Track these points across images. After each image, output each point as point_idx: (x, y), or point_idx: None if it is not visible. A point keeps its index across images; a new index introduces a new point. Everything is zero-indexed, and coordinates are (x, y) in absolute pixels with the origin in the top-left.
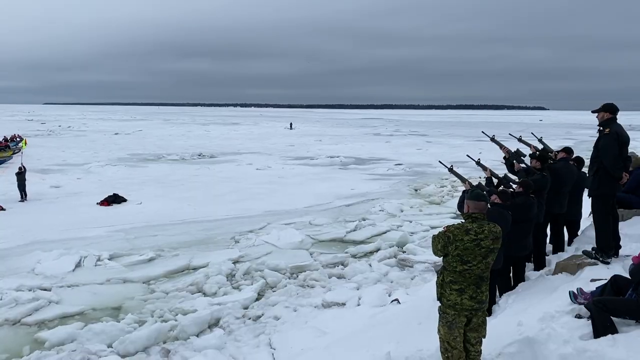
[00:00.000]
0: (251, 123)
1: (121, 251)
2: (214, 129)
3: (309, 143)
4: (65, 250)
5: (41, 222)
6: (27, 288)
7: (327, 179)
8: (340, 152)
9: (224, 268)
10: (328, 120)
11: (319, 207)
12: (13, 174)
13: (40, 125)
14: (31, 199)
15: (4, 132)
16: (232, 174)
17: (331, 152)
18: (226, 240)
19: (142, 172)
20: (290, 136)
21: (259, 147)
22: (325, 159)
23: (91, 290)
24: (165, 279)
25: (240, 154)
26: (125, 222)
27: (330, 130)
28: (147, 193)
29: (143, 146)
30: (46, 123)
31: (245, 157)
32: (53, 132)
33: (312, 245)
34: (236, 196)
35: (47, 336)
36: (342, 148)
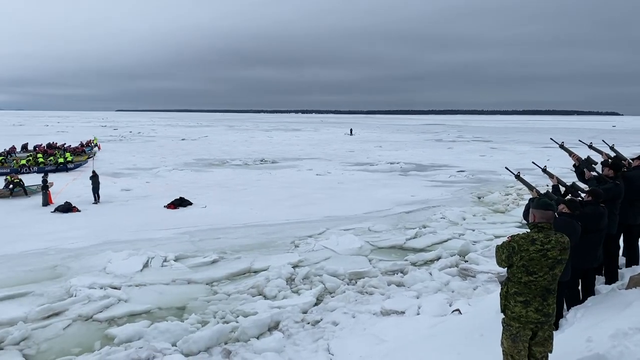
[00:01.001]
0: (312, 129)
1: (186, 253)
2: (276, 135)
3: (369, 149)
4: (134, 250)
5: (112, 224)
6: (98, 286)
7: (387, 185)
8: (401, 158)
9: (283, 272)
10: (388, 126)
11: (379, 214)
12: (87, 177)
13: (112, 131)
14: (103, 201)
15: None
16: (293, 180)
17: (391, 158)
18: (286, 244)
19: (207, 177)
20: (350, 142)
21: (319, 153)
22: (385, 165)
23: (157, 290)
24: (227, 281)
25: (301, 159)
26: (191, 225)
27: (390, 136)
28: (211, 197)
29: (208, 151)
30: (118, 129)
31: (305, 163)
32: (124, 138)
33: (371, 251)
34: (296, 201)
35: (116, 332)
36: (402, 154)
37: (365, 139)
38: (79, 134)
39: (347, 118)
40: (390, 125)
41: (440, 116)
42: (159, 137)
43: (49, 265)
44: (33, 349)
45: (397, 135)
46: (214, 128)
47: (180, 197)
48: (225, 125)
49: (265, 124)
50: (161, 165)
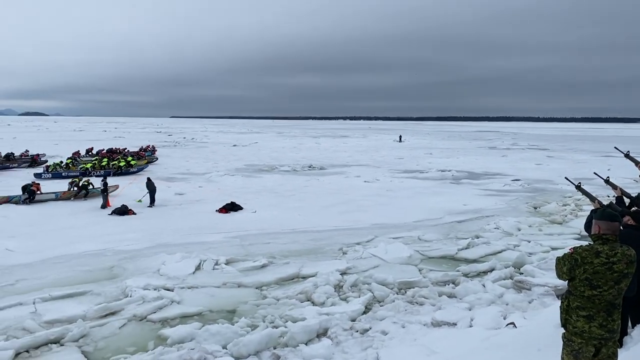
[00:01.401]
0: (360, 136)
1: (237, 257)
2: (324, 142)
3: (419, 156)
4: (186, 253)
5: (166, 227)
6: (152, 287)
7: (438, 194)
8: (452, 165)
9: (332, 279)
10: (439, 133)
11: (429, 222)
12: (143, 181)
13: (167, 137)
14: (158, 204)
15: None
16: (341, 186)
17: (442, 165)
18: (334, 251)
19: (257, 182)
20: (399, 149)
21: (367, 159)
22: (435, 172)
23: (209, 293)
24: (276, 286)
25: (349, 166)
26: (241, 229)
27: (441, 143)
28: (261, 202)
29: (258, 157)
30: (172, 135)
31: (353, 170)
32: (178, 144)
33: (421, 261)
34: (344, 208)
35: (169, 333)
36: (453, 162)
37: (415, 146)
38: (136, 140)
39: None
40: (441, 132)
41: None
42: (211, 143)
43: (106, 265)
44: (91, 346)
45: (448, 142)
46: (263, 134)
47: (231, 201)
48: (275, 132)
49: (313, 130)
50: (213, 170)
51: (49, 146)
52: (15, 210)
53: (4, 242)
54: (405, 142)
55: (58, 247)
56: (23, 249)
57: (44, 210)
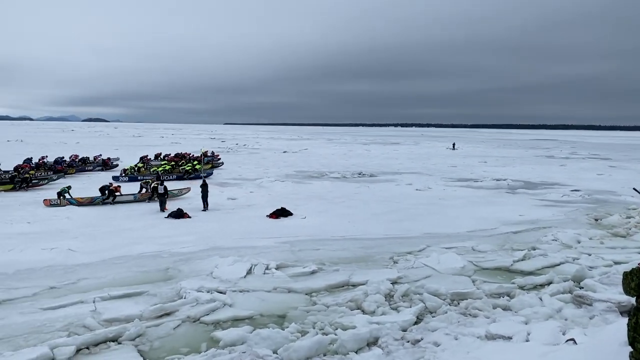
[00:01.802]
0: (412, 143)
1: (287, 262)
2: (375, 149)
3: (473, 164)
4: (238, 257)
5: (219, 230)
6: (206, 290)
7: (492, 203)
8: (508, 174)
9: (382, 287)
10: (494, 141)
11: (483, 233)
12: (198, 186)
13: (220, 143)
14: (211, 208)
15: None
16: (391, 194)
17: (497, 174)
18: (384, 259)
19: (306, 188)
20: (452, 157)
21: (419, 167)
22: (490, 181)
23: (260, 297)
24: (326, 293)
25: (400, 173)
26: (291, 235)
27: (496, 152)
28: (310, 208)
29: (308, 164)
30: (226, 141)
31: (404, 177)
32: (231, 150)
33: (474, 272)
34: (395, 216)
35: (221, 336)
36: (509, 170)
37: (469, 154)
38: (191, 145)
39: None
40: (496, 140)
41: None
42: (263, 150)
43: (162, 267)
44: (146, 345)
45: (504, 150)
46: (313, 141)
47: (281, 207)
48: (325, 139)
49: (364, 137)
50: (264, 176)
51: (109, 151)
52: (77, 212)
53: (67, 242)
54: (459, 149)
55: (117, 248)
56: (84, 250)
57: (103, 213)
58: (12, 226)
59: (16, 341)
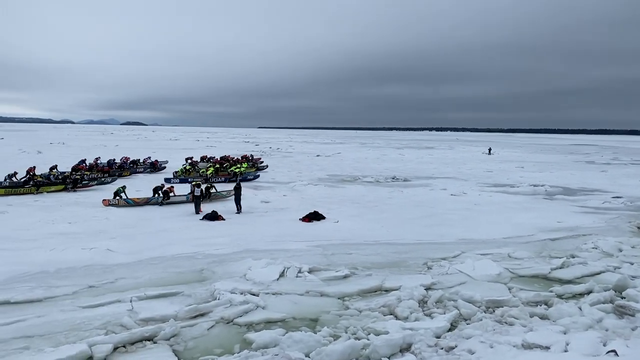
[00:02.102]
0: (446, 147)
1: (319, 265)
2: (408, 153)
3: (509, 169)
4: (271, 260)
5: (253, 233)
6: (239, 291)
7: (530, 209)
8: (545, 180)
9: (416, 293)
10: (531, 146)
11: (519, 239)
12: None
13: (254, 146)
14: (245, 211)
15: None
16: (425, 199)
17: (534, 180)
18: (418, 265)
19: (339, 192)
20: (488, 161)
21: (454, 172)
22: (527, 187)
23: (292, 300)
24: (358, 297)
25: (434, 178)
26: (323, 239)
27: (533, 157)
28: (343, 212)
29: (341, 168)
30: (259, 145)
31: (439, 182)
32: (265, 153)
33: (510, 279)
34: (429, 221)
35: (254, 338)
36: (547, 176)
37: (505, 159)
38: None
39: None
40: (534, 145)
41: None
42: (296, 153)
43: (197, 268)
44: (181, 345)
45: (542, 155)
46: (346, 145)
47: (314, 211)
48: (358, 143)
49: (397, 141)
50: (297, 179)
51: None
52: (116, 213)
53: (106, 242)
54: (495, 154)
55: (153, 248)
56: (122, 250)
57: (141, 214)
58: (54, 226)
59: (57, 338)
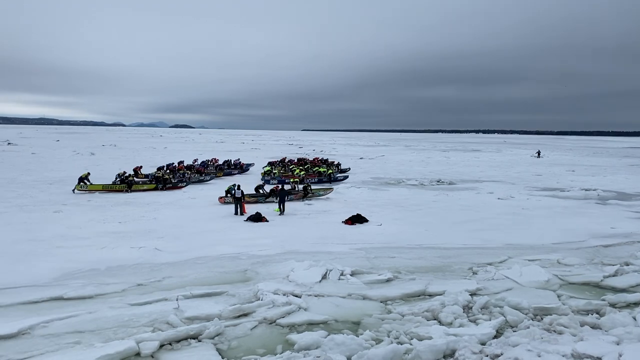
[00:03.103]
0: (493, 150)
1: (361, 269)
2: (454, 156)
3: (559, 173)
4: (314, 262)
5: (296, 235)
6: (282, 293)
7: (580, 214)
8: (598, 184)
9: (460, 299)
10: (582, 149)
11: (570, 245)
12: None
13: (298, 149)
14: (288, 213)
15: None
16: (471, 202)
17: (586, 184)
18: (463, 270)
19: (383, 195)
20: (537, 165)
21: (501, 175)
22: (578, 191)
23: (334, 302)
24: (401, 301)
25: (481, 181)
26: (366, 242)
27: (585, 160)
28: (386, 215)
29: (384, 170)
30: (303, 147)
31: (485, 186)
32: (308, 156)
33: (560, 286)
34: (475, 225)
35: (296, 339)
36: (599, 180)
37: (555, 162)
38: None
39: (534, 139)
40: (585, 148)
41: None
42: (339, 156)
43: (241, 269)
44: (225, 344)
45: (594, 158)
46: (390, 148)
47: (357, 213)
48: (402, 145)
49: (443, 144)
50: (339, 182)
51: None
52: (164, 214)
53: (154, 242)
54: (544, 157)
55: (199, 248)
56: (169, 249)
57: (188, 214)
58: (105, 225)
59: (106, 334)
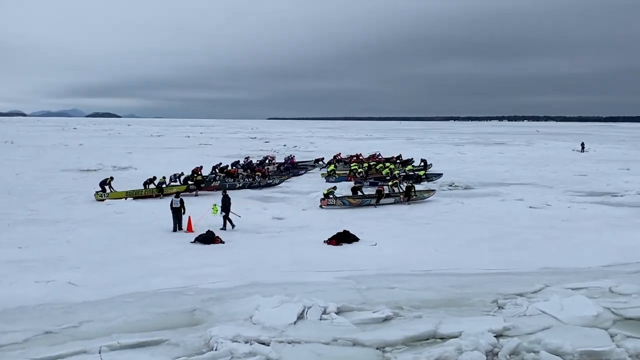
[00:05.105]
0: (523, 142)
1: (351, 304)
2: (471, 151)
3: (610, 172)
4: (286, 297)
5: (262, 260)
6: (243, 339)
7: (639, 227)
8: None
9: (482, 342)
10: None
11: (626, 268)
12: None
13: (263, 144)
14: (250, 231)
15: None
16: (495, 213)
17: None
18: (485, 303)
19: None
20: (580, 161)
21: (533, 176)
22: (635, 196)
23: (315, 351)
24: (404, 347)
25: (507, 185)
26: (356, 268)
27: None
28: (383, 232)
29: None
30: (270, 142)
31: (513, 190)
32: (277, 153)
33: (613, 323)
34: (500, 243)
35: None
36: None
37: (605, 157)
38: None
39: (576, 127)
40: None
41: None
42: (319, 152)
43: (187, 308)
44: None
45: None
46: (387, 140)
47: (343, 230)
48: (403, 137)
49: (457, 135)
50: (321, 188)
51: (121, 155)
52: (80, 234)
53: (66, 274)
54: (590, 151)
55: (129, 281)
56: (88, 283)
57: (112, 234)
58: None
59: None
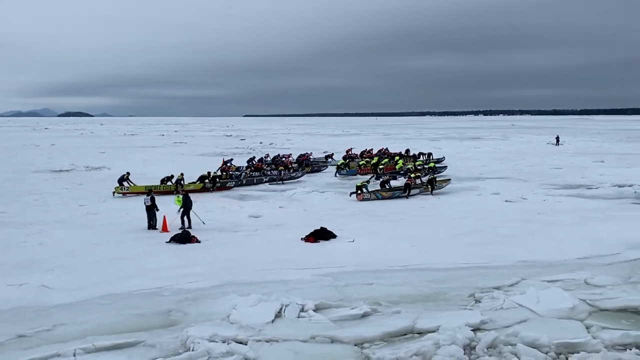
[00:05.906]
0: (499, 136)
1: (329, 301)
2: (447, 145)
3: (585, 165)
4: (264, 295)
5: (238, 259)
6: (220, 339)
7: (613, 219)
8: (636, 179)
9: (459, 336)
10: (614, 132)
11: (601, 260)
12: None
13: (239, 142)
14: (227, 229)
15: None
16: (471, 207)
17: (620, 178)
18: (463, 297)
19: (354, 202)
20: (556, 154)
21: (509, 170)
22: (609, 188)
23: (292, 349)
24: (382, 343)
25: (483, 179)
26: (334, 265)
27: (617, 147)
28: (360, 228)
29: None
30: (246, 139)
31: (489, 184)
32: (253, 151)
33: (589, 314)
34: (476, 237)
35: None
36: (637, 173)
37: (579, 150)
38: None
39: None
40: (618, 131)
41: None
42: (296, 149)
43: (163, 309)
44: None
45: (629, 145)
46: (364, 137)
47: (321, 227)
48: (379, 133)
49: (432, 130)
50: (298, 186)
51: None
52: (53, 237)
53: (40, 276)
54: (565, 144)
55: (103, 283)
56: (62, 286)
57: (85, 237)
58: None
59: None
